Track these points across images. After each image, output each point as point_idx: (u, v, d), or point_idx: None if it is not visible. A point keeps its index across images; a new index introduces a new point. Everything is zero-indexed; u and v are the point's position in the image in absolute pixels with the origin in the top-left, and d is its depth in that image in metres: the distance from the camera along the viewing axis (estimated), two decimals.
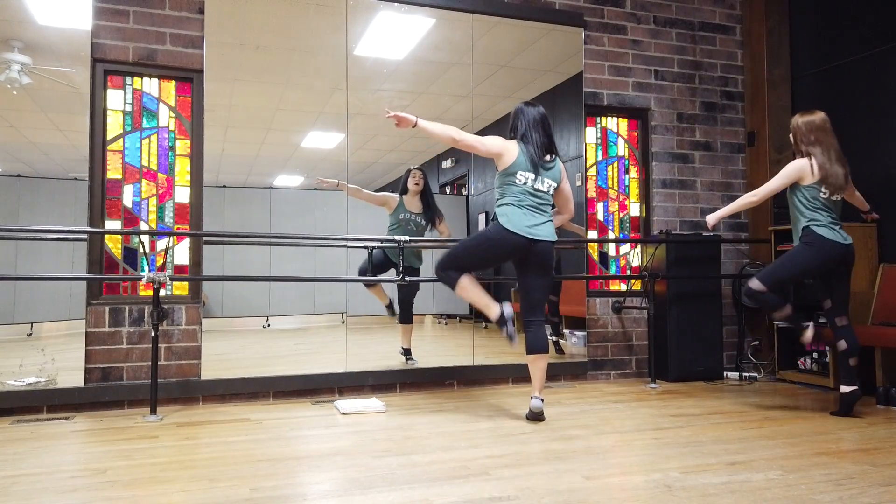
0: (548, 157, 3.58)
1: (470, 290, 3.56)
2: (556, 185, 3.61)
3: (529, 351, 3.54)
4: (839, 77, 5.11)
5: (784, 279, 3.78)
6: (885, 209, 4.74)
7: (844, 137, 5.02)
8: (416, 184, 4.78)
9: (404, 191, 4.78)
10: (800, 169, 3.66)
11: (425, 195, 4.81)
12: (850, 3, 5.05)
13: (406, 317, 4.77)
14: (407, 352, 4.72)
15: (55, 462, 2.81)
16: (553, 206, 3.66)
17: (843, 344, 3.68)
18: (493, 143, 3.54)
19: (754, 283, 3.73)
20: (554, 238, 3.55)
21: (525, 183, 3.51)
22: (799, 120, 3.74)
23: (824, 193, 3.65)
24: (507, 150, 3.53)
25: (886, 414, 3.78)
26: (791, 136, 3.79)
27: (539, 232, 3.49)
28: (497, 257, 3.67)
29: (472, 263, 3.60)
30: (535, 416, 3.52)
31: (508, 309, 3.52)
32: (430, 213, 4.79)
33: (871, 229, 4.70)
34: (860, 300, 4.56)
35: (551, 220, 3.59)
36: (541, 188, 3.54)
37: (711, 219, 4.00)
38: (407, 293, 4.76)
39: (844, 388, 3.66)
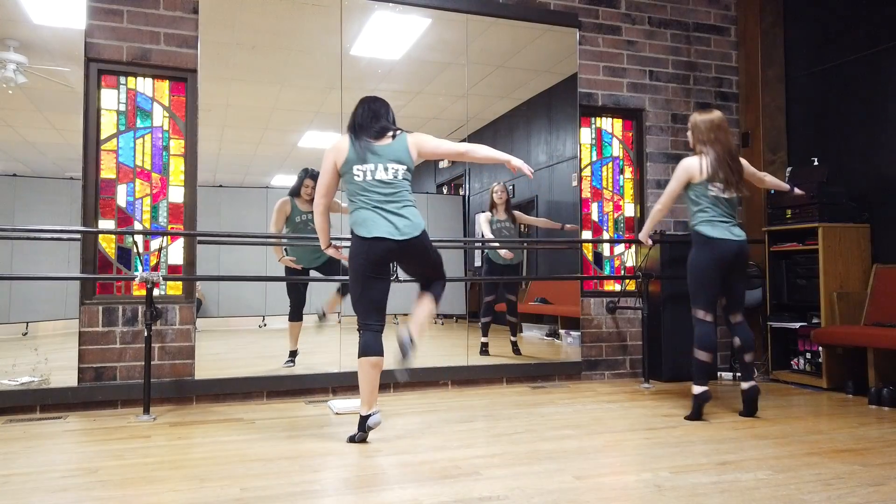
0: (385, 140, 3.11)
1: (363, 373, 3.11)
2: (404, 166, 3.12)
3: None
4: (833, 78, 5.12)
5: (699, 296, 3.71)
6: (877, 209, 4.76)
7: (838, 137, 5.06)
8: (309, 195, 4.53)
9: (295, 192, 4.62)
10: (687, 168, 3.66)
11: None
12: (845, 4, 5.06)
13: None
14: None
15: (47, 461, 2.82)
16: (410, 191, 3.16)
17: (737, 341, 3.75)
18: (326, 164, 3.11)
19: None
20: (419, 231, 3.08)
21: (364, 178, 3.07)
22: (698, 118, 3.71)
23: (713, 191, 3.62)
24: (338, 150, 3.10)
25: (878, 414, 3.79)
26: (689, 133, 3.77)
27: (397, 229, 3.04)
28: (372, 269, 3.09)
29: (353, 287, 3.13)
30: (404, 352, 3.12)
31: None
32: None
33: (864, 230, 4.71)
34: (853, 301, 4.57)
35: (412, 206, 3.12)
36: (384, 177, 3.07)
37: (643, 236, 4.12)
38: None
39: (744, 385, 3.72)
